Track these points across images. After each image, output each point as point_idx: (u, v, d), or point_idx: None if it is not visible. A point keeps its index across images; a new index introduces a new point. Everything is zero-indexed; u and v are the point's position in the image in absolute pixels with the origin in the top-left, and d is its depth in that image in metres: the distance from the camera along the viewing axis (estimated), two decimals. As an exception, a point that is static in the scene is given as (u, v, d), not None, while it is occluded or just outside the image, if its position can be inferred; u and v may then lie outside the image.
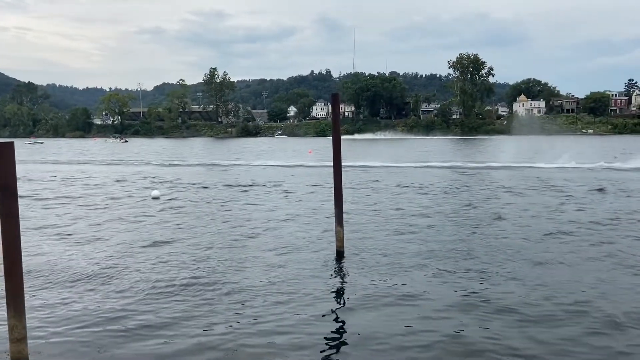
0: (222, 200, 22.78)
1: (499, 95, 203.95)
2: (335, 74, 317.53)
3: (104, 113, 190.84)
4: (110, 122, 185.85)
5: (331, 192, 13.67)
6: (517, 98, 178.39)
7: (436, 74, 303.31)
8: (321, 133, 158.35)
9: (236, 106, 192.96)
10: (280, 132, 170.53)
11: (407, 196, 23.33)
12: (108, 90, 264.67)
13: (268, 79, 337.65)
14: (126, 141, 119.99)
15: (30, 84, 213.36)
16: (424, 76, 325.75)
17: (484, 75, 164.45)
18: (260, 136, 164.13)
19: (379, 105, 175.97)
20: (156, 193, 24.18)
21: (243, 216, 18.33)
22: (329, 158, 13.99)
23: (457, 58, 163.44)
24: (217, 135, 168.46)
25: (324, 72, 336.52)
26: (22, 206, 15.24)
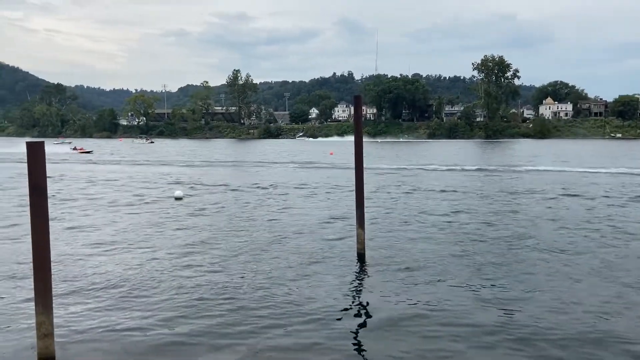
0: (244, 201, 22.94)
1: (525, 97, 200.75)
2: (357, 76, 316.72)
3: (130, 114, 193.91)
4: (135, 123, 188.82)
5: (352, 194, 13.65)
6: (544, 101, 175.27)
7: (460, 76, 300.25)
8: (343, 135, 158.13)
9: (258, 108, 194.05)
10: (301, 134, 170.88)
11: (435, 199, 23.14)
12: (134, 91, 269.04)
13: (290, 81, 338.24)
14: (152, 142, 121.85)
15: (59, 85, 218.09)
16: (448, 78, 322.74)
17: (510, 77, 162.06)
18: (281, 138, 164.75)
19: (402, 107, 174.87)
20: (179, 193, 24.45)
21: (265, 217, 18.42)
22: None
23: (482, 60, 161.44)
24: (239, 136, 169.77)
25: (346, 74, 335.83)
26: (51, 206, 15.53)
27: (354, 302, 9.52)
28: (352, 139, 12.96)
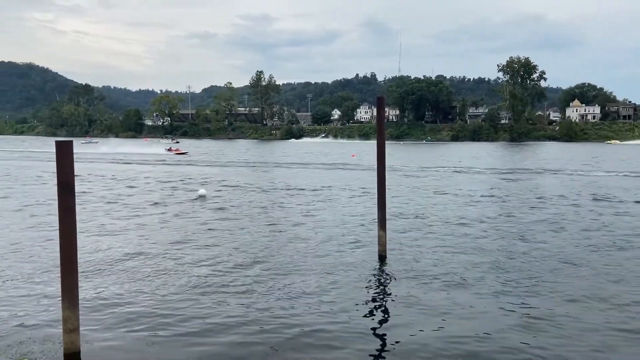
0: (266, 201, 23.06)
1: (551, 100, 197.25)
2: (380, 78, 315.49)
3: (155, 114, 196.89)
4: (160, 124, 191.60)
5: (374, 196, 13.60)
6: (571, 103, 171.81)
7: (484, 78, 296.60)
8: (365, 136, 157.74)
9: (281, 109, 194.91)
10: (323, 135, 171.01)
11: (460, 203, 22.91)
12: (159, 92, 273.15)
13: (313, 82, 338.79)
14: (177, 142, 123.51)
15: (87, 86, 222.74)
16: (472, 80, 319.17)
17: (536, 79, 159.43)
18: (303, 139, 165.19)
19: (424, 109, 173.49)
20: (203, 192, 24.69)
21: (287, 216, 18.48)
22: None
23: (507, 61, 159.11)
24: (262, 137, 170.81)
25: (369, 76, 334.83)
26: (79, 203, 15.81)
27: (374, 304, 9.47)
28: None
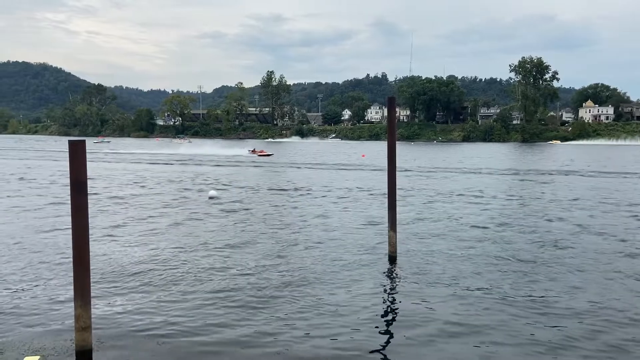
0: (277, 202, 23.10)
1: (564, 100, 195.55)
2: (391, 78, 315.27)
3: (166, 114, 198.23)
4: (171, 123, 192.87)
5: (384, 196, 13.55)
6: (584, 104, 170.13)
7: (496, 78, 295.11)
8: (375, 137, 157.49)
9: (291, 109, 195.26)
10: (334, 135, 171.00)
11: (471, 203, 22.77)
12: (170, 92, 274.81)
13: (323, 82, 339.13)
14: (190, 141, 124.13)
15: (99, 86, 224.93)
16: (484, 80, 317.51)
17: (548, 79, 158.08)
18: (313, 139, 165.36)
19: (436, 109, 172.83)
20: (213, 193, 24.79)
21: (296, 219, 18.50)
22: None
23: (520, 61, 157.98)
24: (272, 137, 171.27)
25: (380, 76, 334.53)
26: (92, 202, 15.89)
27: (384, 305, 9.44)
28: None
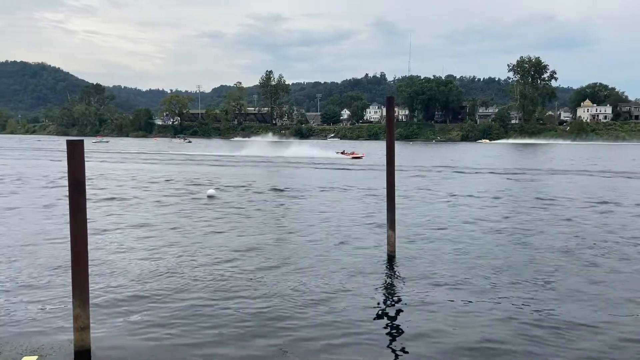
0: (276, 200, 23.09)
1: (562, 100, 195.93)
2: (389, 77, 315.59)
3: (165, 114, 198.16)
4: (170, 123, 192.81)
5: (384, 196, 13.56)
6: (582, 103, 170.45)
7: (494, 78, 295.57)
8: (374, 136, 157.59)
9: (290, 109, 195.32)
10: (332, 135, 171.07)
11: (471, 203, 22.79)
12: (169, 91, 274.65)
13: (322, 82, 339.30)
14: (189, 141, 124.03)
15: (98, 86, 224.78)
16: (482, 80, 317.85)
17: (546, 79, 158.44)
18: (312, 138, 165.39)
19: (434, 108, 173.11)
20: (212, 192, 24.76)
21: (295, 218, 18.50)
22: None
23: (518, 61, 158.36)
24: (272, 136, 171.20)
25: (379, 76, 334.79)
26: (92, 202, 15.92)
27: (381, 304, 9.43)
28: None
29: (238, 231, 15.88)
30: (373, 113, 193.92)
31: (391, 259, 12.21)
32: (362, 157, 58.18)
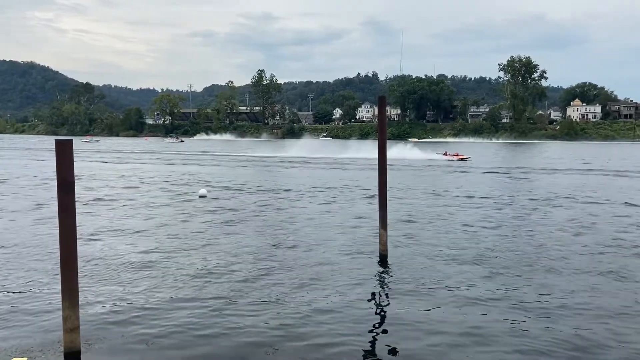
0: (269, 201, 23.03)
1: (552, 99, 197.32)
2: (381, 77, 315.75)
3: (156, 113, 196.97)
4: (161, 122, 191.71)
5: (376, 195, 13.55)
6: (571, 102, 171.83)
7: (485, 77, 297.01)
8: (366, 136, 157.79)
9: (282, 108, 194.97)
10: (325, 134, 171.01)
11: (463, 202, 22.87)
12: (160, 91, 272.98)
13: (314, 81, 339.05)
14: (182, 141, 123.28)
15: (87, 85, 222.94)
16: (473, 79, 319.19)
17: (537, 78, 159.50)
18: (305, 138, 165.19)
19: (426, 108, 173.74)
20: (203, 192, 24.65)
21: (286, 218, 18.45)
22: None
23: (508, 61, 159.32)
24: (261, 136, 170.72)
25: (371, 75, 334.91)
26: (83, 203, 15.90)
27: (373, 303, 9.43)
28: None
29: (229, 232, 15.78)
30: (365, 112, 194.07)
31: (383, 259, 12.20)
32: (469, 159, 53.83)
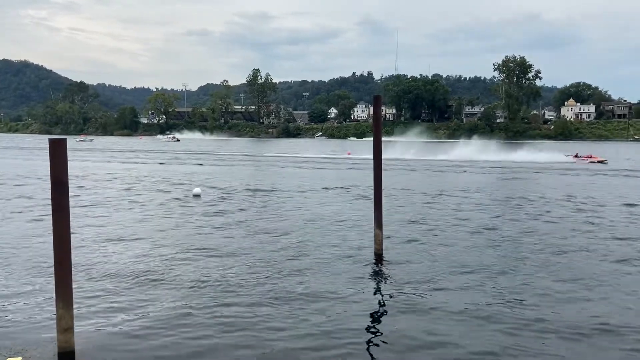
0: (264, 201, 23.01)
1: (547, 99, 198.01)
2: (377, 76, 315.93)
3: (150, 112, 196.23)
4: (156, 122, 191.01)
5: (371, 194, 13.57)
6: (566, 102, 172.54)
7: (480, 77, 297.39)
8: (361, 135, 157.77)
9: (277, 107, 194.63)
10: (320, 134, 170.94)
11: (458, 201, 22.92)
12: (154, 90, 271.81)
13: (310, 81, 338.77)
14: (178, 140, 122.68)
15: (81, 84, 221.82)
16: (468, 79, 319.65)
17: (531, 78, 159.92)
18: (300, 137, 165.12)
19: (421, 107, 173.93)
20: (198, 191, 24.60)
21: (281, 217, 18.44)
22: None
23: (503, 60, 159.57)
24: (258, 135, 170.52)
25: (366, 74, 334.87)
26: (76, 202, 15.72)
27: (368, 303, 9.44)
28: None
29: (224, 232, 15.76)
30: (360, 112, 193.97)
31: (379, 258, 12.22)
32: (606, 162, 48.38)
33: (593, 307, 9.10)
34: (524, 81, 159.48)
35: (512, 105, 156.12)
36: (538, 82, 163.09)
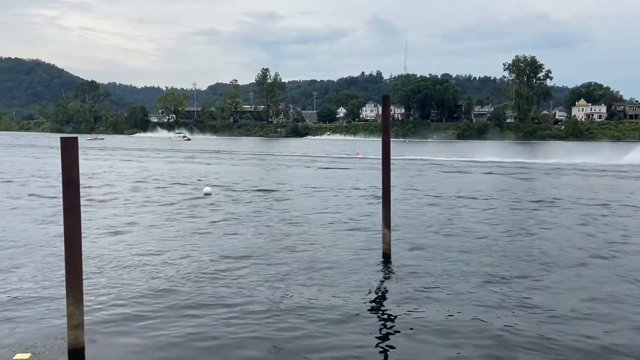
0: (271, 200, 23.05)
1: (557, 99, 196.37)
2: (386, 76, 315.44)
3: (160, 111, 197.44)
4: (165, 120, 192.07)
5: (379, 194, 13.54)
6: (577, 102, 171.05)
7: (490, 77, 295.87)
8: (370, 135, 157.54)
9: (286, 106, 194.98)
10: (329, 133, 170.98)
11: (468, 202, 22.82)
12: (164, 89, 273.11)
13: (318, 80, 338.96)
14: (188, 139, 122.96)
15: (92, 82, 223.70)
16: (478, 79, 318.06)
17: (542, 78, 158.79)
18: (309, 136, 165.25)
19: (430, 107, 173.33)
20: (208, 190, 24.70)
21: (289, 216, 18.45)
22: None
23: (513, 60, 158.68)
24: (267, 135, 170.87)
25: (375, 74, 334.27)
26: (85, 199, 15.78)
27: (376, 303, 9.43)
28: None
29: (233, 230, 15.78)
30: (369, 111, 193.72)
31: (387, 258, 12.19)
32: None
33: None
34: (535, 81, 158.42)
35: (522, 105, 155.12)
36: (549, 82, 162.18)
